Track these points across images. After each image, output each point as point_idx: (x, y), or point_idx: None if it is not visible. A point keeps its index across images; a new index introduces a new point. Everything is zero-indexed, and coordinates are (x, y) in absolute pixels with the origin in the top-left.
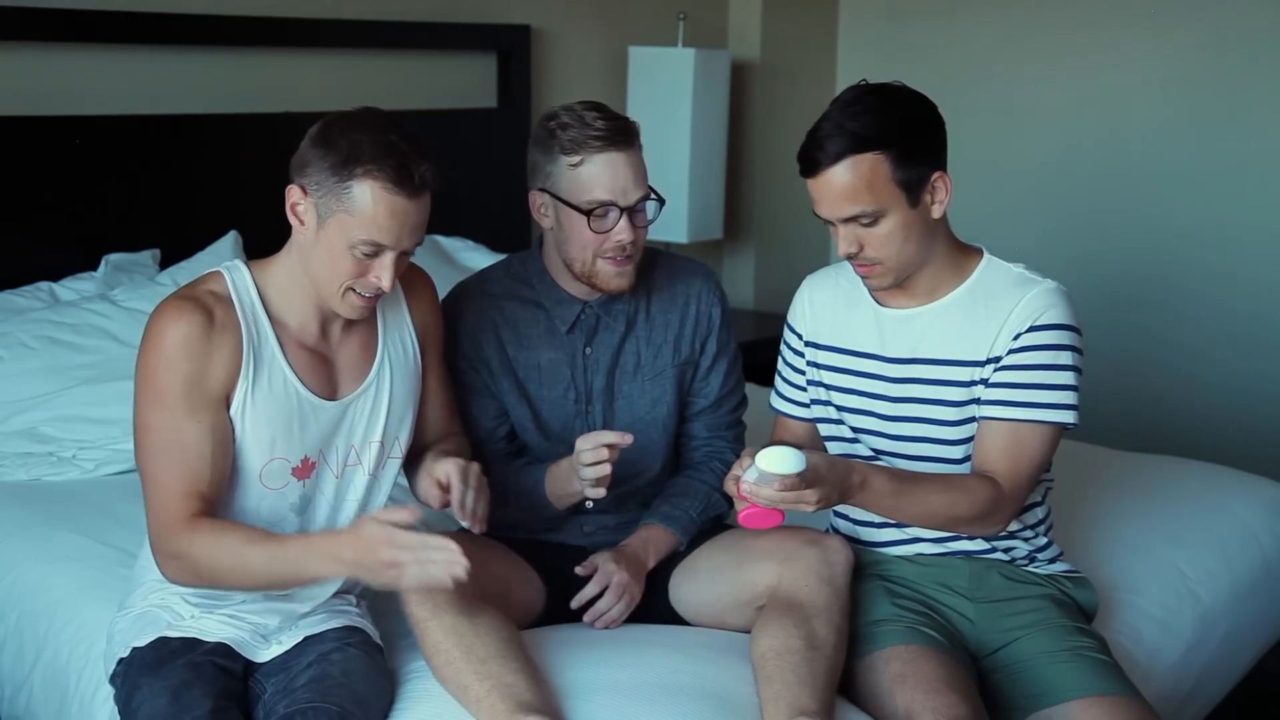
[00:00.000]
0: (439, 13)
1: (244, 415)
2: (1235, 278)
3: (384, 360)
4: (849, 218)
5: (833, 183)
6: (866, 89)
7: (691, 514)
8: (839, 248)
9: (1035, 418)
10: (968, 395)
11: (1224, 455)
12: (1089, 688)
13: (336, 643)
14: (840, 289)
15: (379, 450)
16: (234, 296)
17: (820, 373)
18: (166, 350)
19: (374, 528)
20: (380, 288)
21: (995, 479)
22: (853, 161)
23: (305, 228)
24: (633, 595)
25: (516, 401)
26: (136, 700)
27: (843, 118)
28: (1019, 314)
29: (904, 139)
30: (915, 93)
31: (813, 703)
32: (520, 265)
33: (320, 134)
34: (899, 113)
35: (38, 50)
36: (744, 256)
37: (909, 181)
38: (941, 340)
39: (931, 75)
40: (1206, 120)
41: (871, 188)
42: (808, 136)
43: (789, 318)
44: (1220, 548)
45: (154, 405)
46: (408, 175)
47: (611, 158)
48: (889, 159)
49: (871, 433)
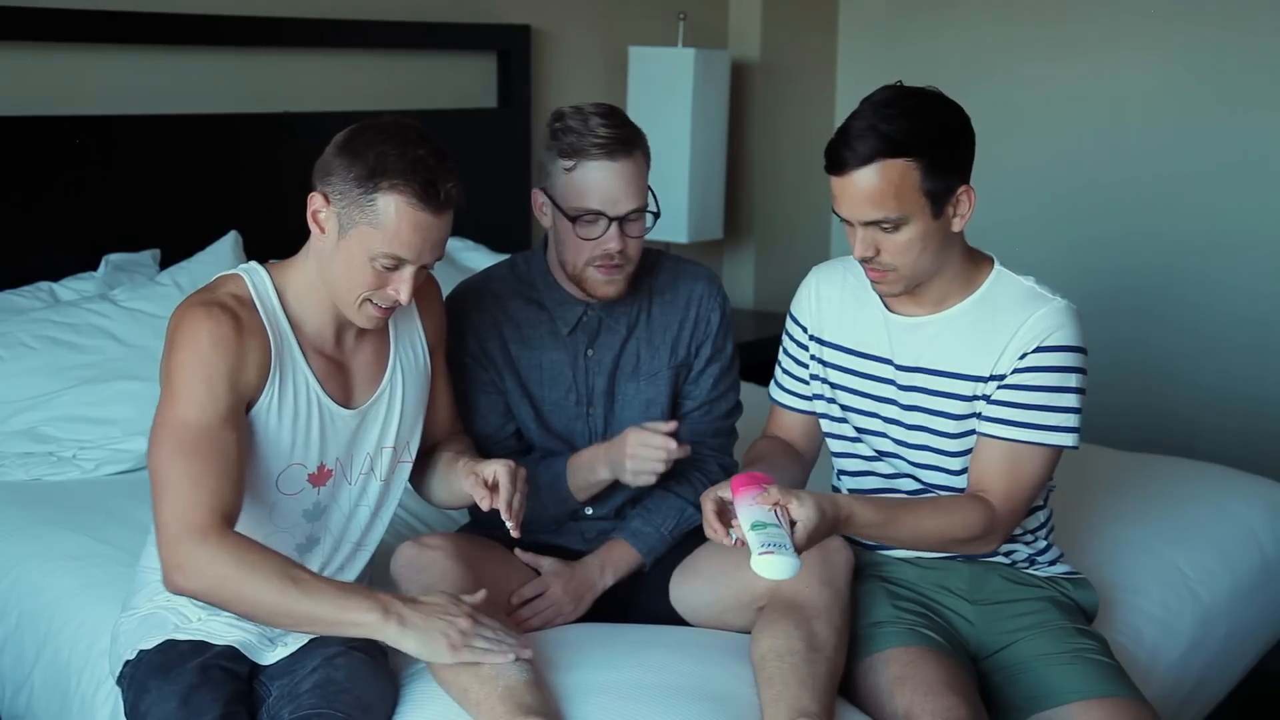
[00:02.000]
0: (439, 13)
1: (267, 420)
2: (1236, 277)
3: (396, 367)
4: (870, 221)
5: (859, 184)
6: (903, 91)
7: (663, 531)
8: (855, 249)
9: (1036, 439)
10: (968, 409)
11: (1224, 455)
12: (1089, 690)
13: (341, 646)
14: (848, 286)
15: (392, 456)
16: (256, 300)
17: (826, 370)
18: (202, 348)
19: (455, 601)
20: (398, 300)
21: (989, 500)
22: (883, 165)
23: (326, 236)
24: (562, 614)
25: (520, 400)
26: (145, 704)
27: (877, 118)
28: (1026, 332)
29: (937, 148)
30: (950, 101)
31: (813, 704)
32: (524, 265)
33: (347, 143)
34: (934, 120)
35: (38, 50)
36: (744, 256)
37: (936, 192)
38: (947, 352)
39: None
40: (1208, 119)
41: (899, 194)
42: (838, 133)
43: (793, 308)
44: (1220, 548)
45: (184, 404)
46: (434, 191)
47: (605, 166)
48: (919, 167)
49: (876, 434)
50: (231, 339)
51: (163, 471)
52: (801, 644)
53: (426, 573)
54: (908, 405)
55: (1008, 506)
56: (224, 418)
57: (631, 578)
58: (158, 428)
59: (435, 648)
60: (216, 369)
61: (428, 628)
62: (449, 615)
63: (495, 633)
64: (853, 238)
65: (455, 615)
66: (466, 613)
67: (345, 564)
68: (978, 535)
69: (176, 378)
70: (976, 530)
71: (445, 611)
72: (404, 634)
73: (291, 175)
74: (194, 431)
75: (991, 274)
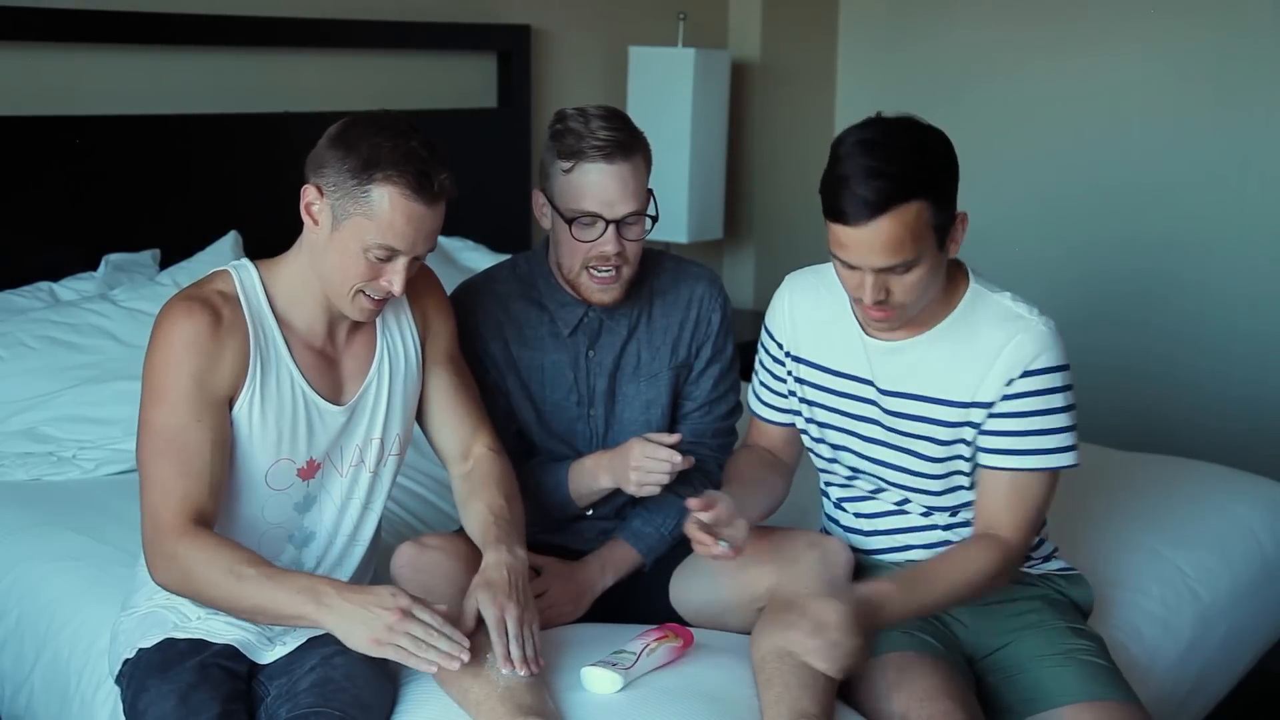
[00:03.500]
0: (439, 13)
1: (250, 417)
2: (1236, 276)
3: (383, 357)
4: (885, 268)
5: (875, 234)
6: (889, 127)
7: (663, 531)
8: (865, 294)
9: (1037, 465)
10: (953, 435)
11: (1224, 455)
12: (1081, 693)
13: (339, 646)
14: (822, 302)
15: (379, 448)
16: (241, 296)
17: (803, 388)
18: (174, 349)
19: (397, 596)
20: (391, 291)
21: (999, 534)
22: (898, 211)
23: (319, 228)
24: (562, 615)
25: (522, 401)
26: (144, 703)
27: (879, 161)
28: (1010, 357)
29: (940, 182)
30: (933, 127)
31: (813, 706)
32: (526, 265)
33: (340, 135)
34: (933, 153)
35: (38, 50)
36: (744, 256)
37: (942, 225)
38: (928, 377)
39: (931, 75)
40: (1208, 117)
41: (914, 236)
42: (835, 181)
43: (768, 320)
44: (1220, 548)
45: (158, 404)
46: (427, 182)
47: (603, 169)
48: (929, 205)
49: (852, 452)
50: (206, 337)
51: (141, 471)
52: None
53: (426, 573)
54: (892, 428)
55: (1018, 536)
56: (195, 417)
57: (631, 578)
58: (139, 426)
59: (357, 637)
60: (187, 370)
61: (351, 615)
62: (379, 608)
63: (428, 634)
64: (856, 281)
65: (386, 609)
66: (400, 607)
67: (340, 558)
68: (998, 573)
69: (151, 376)
70: (996, 569)
71: (379, 603)
72: (333, 621)
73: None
74: (167, 432)
75: (967, 292)
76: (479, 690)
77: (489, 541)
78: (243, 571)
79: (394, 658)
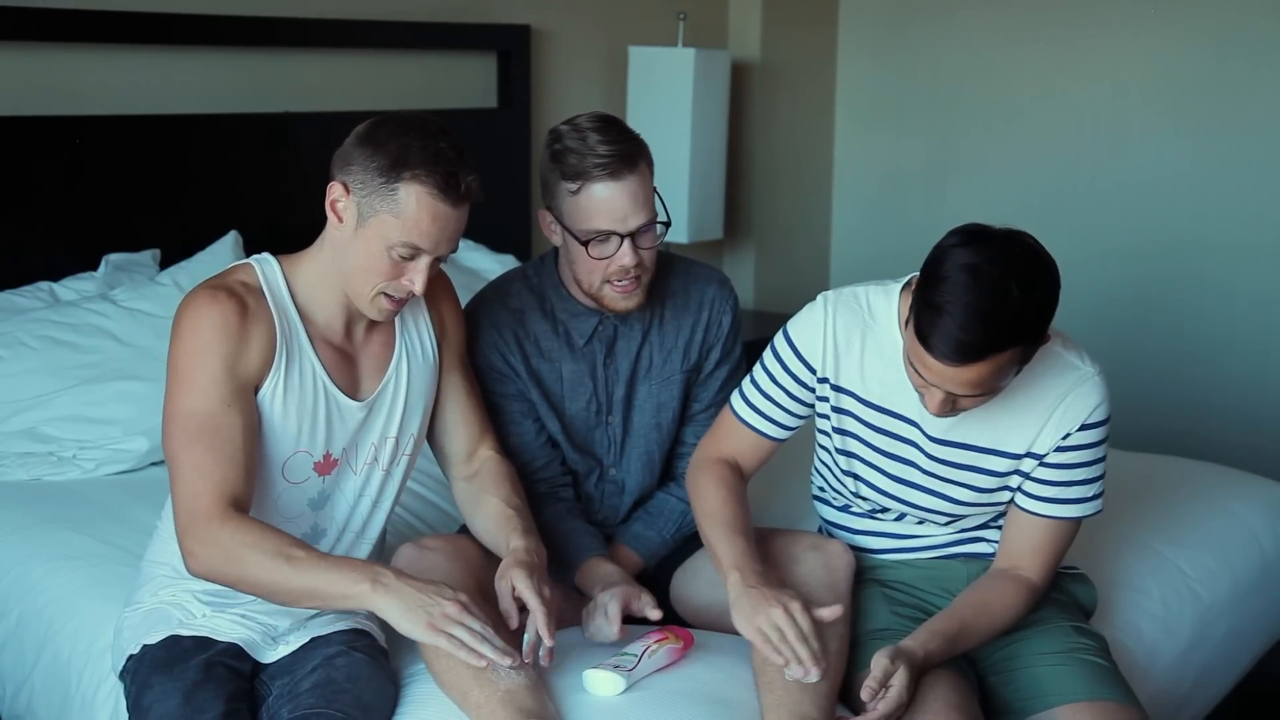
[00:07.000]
0: (439, 13)
1: (273, 405)
2: (1236, 278)
3: (401, 356)
4: (963, 395)
5: (962, 373)
6: (1005, 252)
7: (664, 535)
8: (929, 406)
9: (1072, 514)
10: (999, 484)
11: (1224, 455)
12: (1079, 692)
13: (342, 646)
14: (871, 335)
15: (394, 447)
16: (265, 288)
17: (842, 418)
18: (203, 335)
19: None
20: (412, 290)
21: (1024, 575)
22: (994, 358)
23: (344, 225)
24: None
25: (547, 413)
26: (148, 699)
27: (986, 304)
28: (1067, 411)
29: (1043, 326)
30: (1043, 252)
31: (814, 709)
32: (536, 276)
33: (369, 134)
34: (1044, 290)
35: (38, 50)
36: (744, 256)
37: (1030, 355)
38: (981, 428)
39: (931, 76)
40: (1208, 123)
41: (1002, 373)
42: (934, 309)
43: (797, 340)
44: (1220, 548)
45: (188, 392)
46: (455, 183)
47: (610, 186)
48: (1027, 346)
49: (876, 488)
50: (234, 324)
51: (173, 460)
52: None
53: (425, 574)
54: (931, 473)
55: (1044, 580)
56: (227, 402)
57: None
58: (166, 417)
59: (415, 619)
60: (218, 354)
61: (412, 600)
62: (440, 597)
63: (485, 630)
64: (926, 389)
65: (446, 600)
66: (458, 601)
67: (348, 553)
68: (1025, 609)
69: (180, 365)
70: (1023, 607)
71: (439, 594)
72: (389, 601)
73: (291, 175)
74: (198, 418)
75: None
76: (479, 693)
77: (514, 530)
78: (293, 554)
79: (445, 646)
